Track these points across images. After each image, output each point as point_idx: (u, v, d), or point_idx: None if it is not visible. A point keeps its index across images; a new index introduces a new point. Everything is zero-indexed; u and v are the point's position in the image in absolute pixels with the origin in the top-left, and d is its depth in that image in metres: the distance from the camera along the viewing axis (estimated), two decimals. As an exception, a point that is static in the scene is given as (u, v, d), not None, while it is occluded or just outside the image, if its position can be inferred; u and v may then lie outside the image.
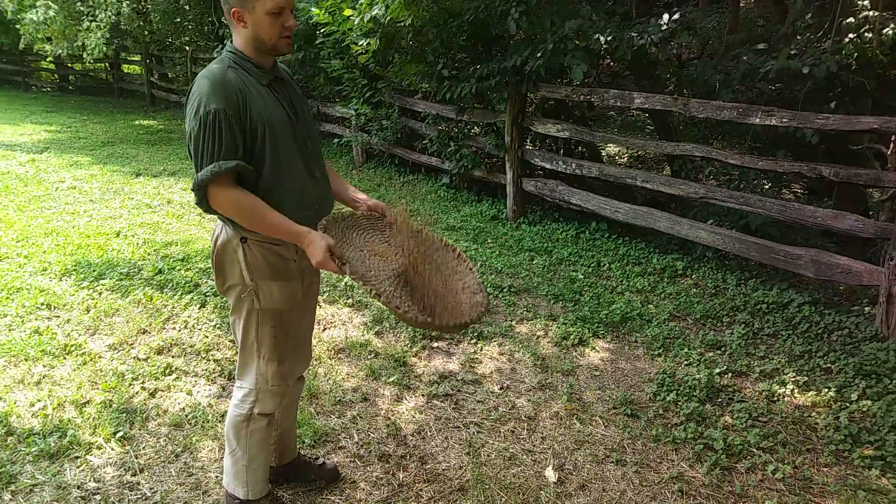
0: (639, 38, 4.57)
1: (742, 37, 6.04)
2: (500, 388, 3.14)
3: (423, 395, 3.06)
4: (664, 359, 3.42)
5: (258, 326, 1.99)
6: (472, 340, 3.59)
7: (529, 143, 6.11)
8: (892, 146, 3.94)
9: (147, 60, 14.03)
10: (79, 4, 10.09)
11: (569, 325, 3.71)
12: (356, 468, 2.54)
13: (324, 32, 6.43)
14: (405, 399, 3.03)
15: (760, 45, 4.86)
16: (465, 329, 1.88)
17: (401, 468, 2.55)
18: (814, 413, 2.92)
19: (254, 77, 1.87)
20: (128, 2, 10.35)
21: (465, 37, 5.77)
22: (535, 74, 5.11)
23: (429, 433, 2.78)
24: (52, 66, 17.36)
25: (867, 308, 3.71)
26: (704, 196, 4.41)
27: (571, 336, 3.60)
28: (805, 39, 4.71)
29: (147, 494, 2.37)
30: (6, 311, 3.75)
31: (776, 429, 2.79)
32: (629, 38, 4.62)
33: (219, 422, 2.79)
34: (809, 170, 3.87)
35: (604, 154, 7.80)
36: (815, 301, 3.90)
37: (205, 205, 1.83)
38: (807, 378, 3.17)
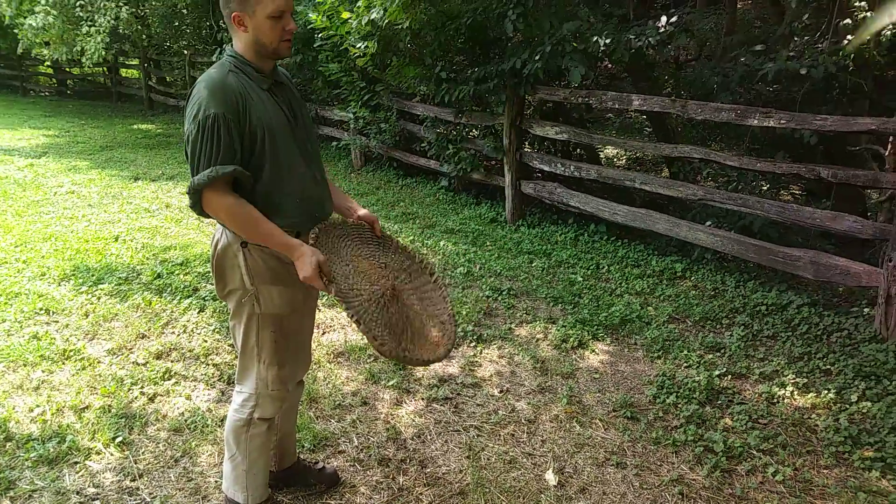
0: (636, 41, 4.58)
1: (740, 38, 6.06)
2: (500, 392, 3.13)
3: (423, 399, 3.05)
4: (664, 361, 3.42)
5: (258, 331, 1.99)
6: (472, 344, 3.59)
7: (528, 146, 6.12)
8: (890, 147, 3.95)
9: (145, 65, 14.04)
10: (77, 10, 10.09)
11: (568, 328, 3.71)
12: (356, 472, 2.54)
13: (322, 36, 6.44)
14: (405, 403, 3.03)
15: (758, 47, 4.87)
16: (437, 363, 1.94)
17: (401, 472, 2.55)
18: (814, 415, 2.92)
19: (254, 81, 1.87)
20: (126, 6, 10.35)
21: (463, 39, 5.78)
22: (533, 77, 5.12)
23: (428, 437, 2.78)
24: (50, 71, 17.36)
25: (866, 309, 3.72)
26: (703, 198, 4.42)
27: (571, 339, 3.60)
28: (802, 41, 4.72)
29: (146, 500, 2.36)
30: (5, 317, 3.75)
31: (776, 431, 2.79)
32: (627, 41, 4.63)
33: (218, 426, 2.78)
34: (808, 171, 3.88)
35: (602, 156, 7.81)
36: (815, 302, 3.91)
37: (198, 208, 1.83)
38: (806, 380, 3.17)
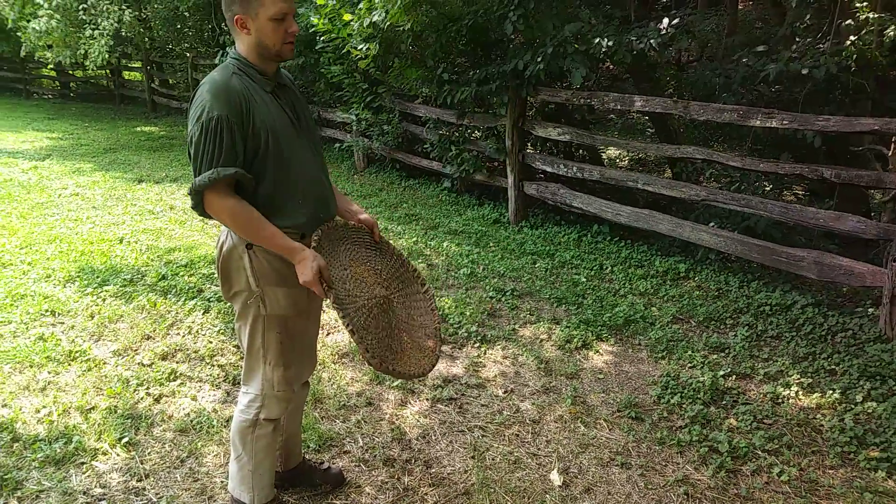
0: (638, 43, 4.58)
1: (741, 39, 6.06)
2: (505, 392, 3.14)
3: (428, 400, 3.06)
4: (668, 361, 3.42)
5: (264, 332, 1.99)
6: (476, 344, 3.60)
7: (530, 147, 6.13)
8: (893, 147, 3.94)
9: (148, 67, 14.06)
10: (81, 13, 10.12)
11: (572, 329, 3.72)
12: (361, 472, 2.54)
13: (324, 39, 6.45)
14: (409, 403, 3.04)
15: (760, 48, 4.87)
16: (422, 377, 1.98)
17: (406, 472, 2.55)
18: (819, 415, 2.92)
19: (257, 84, 1.88)
20: (130, 10, 10.38)
21: (465, 41, 5.79)
22: (535, 78, 5.12)
23: (433, 437, 2.78)
24: (53, 74, 17.38)
25: (870, 309, 3.71)
26: (706, 198, 4.42)
27: (575, 339, 3.61)
28: (804, 41, 4.73)
29: (153, 500, 2.37)
30: (11, 318, 3.76)
31: (781, 431, 2.79)
32: (628, 42, 4.63)
33: (224, 427, 2.79)
34: (811, 171, 3.88)
35: (605, 157, 7.82)
36: (819, 303, 3.91)
37: (200, 209, 1.85)
38: (811, 380, 3.17)
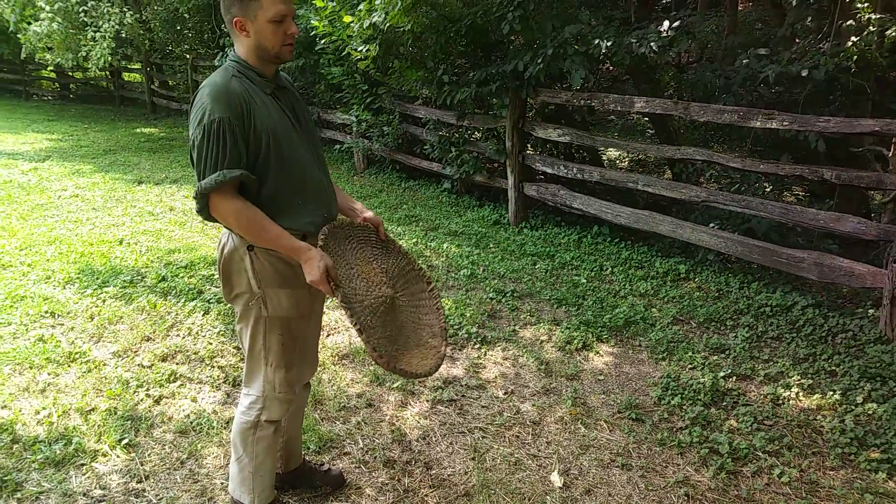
0: (638, 45, 4.58)
1: (741, 40, 6.06)
2: (505, 393, 3.14)
3: (428, 401, 3.06)
4: (668, 363, 3.42)
5: (266, 334, 1.99)
6: (476, 346, 3.60)
7: (530, 148, 6.13)
8: (894, 148, 3.94)
9: (147, 68, 14.07)
10: (82, 16, 10.14)
11: (572, 330, 3.71)
12: (361, 474, 2.54)
13: (324, 41, 6.46)
14: (410, 405, 3.04)
15: (761, 50, 4.88)
16: (427, 376, 1.98)
17: (406, 474, 2.55)
18: (819, 416, 2.92)
19: (257, 86, 1.88)
20: (130, 12, 10.39)
21: (465, 42, 5.79)
22: (535, 79, 5.13)
23: (434, 439, 2.78)
24: (53, 75, 17.40)
25: (871, 310, 3.71)
26: (706, 199, 4.42)
27: (575, 340, 3.60)
28: (804, 42, 4.73)
29: (153, 501, 2.37)
30: (10, 320, 3.76)
31: (782, 432, 2.79)
32: (628, 44, 4.63)
33: (224, 428, 2.79)
34: (811, 172, 3.88)
35: (605, 158, 7.82)
36: (819, 304, 3.90)
37: (205, 213, 1.84)
38: (811, 381, 3.17)
